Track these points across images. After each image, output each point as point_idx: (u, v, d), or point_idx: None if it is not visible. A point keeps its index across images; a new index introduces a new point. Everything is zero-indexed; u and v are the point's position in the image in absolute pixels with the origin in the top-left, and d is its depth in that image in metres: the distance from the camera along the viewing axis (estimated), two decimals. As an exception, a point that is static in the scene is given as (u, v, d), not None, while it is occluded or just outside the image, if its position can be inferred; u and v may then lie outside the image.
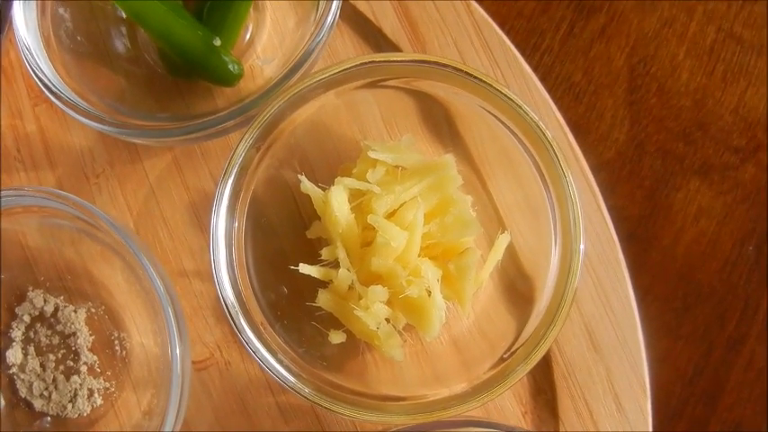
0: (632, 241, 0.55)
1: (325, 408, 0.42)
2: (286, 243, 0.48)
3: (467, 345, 0.47)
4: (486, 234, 0.47)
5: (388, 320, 0.44)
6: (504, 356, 0.43)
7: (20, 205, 0.45)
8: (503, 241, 0.46)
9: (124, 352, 0.49)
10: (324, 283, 0.45)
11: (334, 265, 0.45)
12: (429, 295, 0.44)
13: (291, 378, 0.42)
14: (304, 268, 0.44)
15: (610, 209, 0.49)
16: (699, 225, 0.55)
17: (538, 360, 0.41)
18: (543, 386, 0.48)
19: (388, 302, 0.44)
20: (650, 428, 0.48)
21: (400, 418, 0.41)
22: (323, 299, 0.45)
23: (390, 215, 0.45)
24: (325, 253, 0.45)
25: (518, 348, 0.43)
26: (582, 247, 0.42)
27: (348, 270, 0.44)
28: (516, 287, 0.47)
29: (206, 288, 0.49)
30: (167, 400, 0.43)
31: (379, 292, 0.43)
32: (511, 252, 0.47)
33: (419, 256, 0.44)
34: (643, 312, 0.50)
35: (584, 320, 0.48)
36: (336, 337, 0.45)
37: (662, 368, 0.54)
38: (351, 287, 0.45)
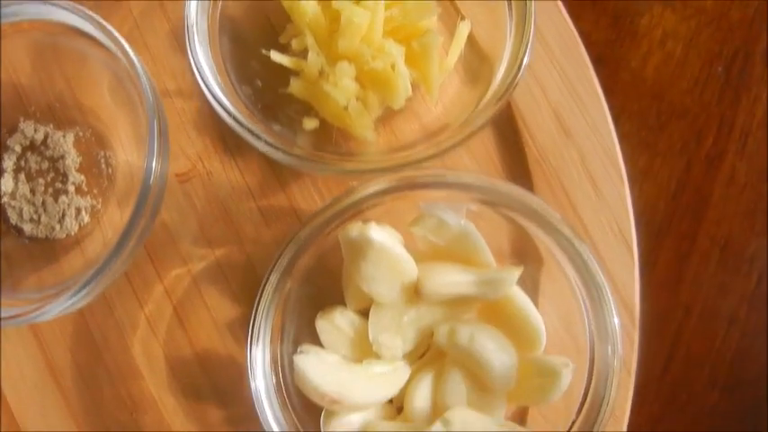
0: (601, 64, 0.56)
1: (311, 162, 0.43)
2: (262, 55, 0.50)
3: (435, 130, 0.48)
4: (448, 31, 0.49)
5: (358, 99, 0.46)
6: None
7: (8, 22, 0.48)
8: (464, 29, 0.48)
9: (110, 169, 0.50)
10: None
11: (304, 55, 0.47)
12: (393, 69, 0.46)
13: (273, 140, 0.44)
14: (275, 56, 0.46)
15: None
16: (665, 48, 0.56)
17: (494, 112, 0.43)
18: (518, 173, 0.49)
19: (357, 83, 0.46)
20: (631, 214, 0.48)
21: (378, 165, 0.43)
22: (295, 86, 0.47)
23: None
24: (294, 44, 0.47)
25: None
26: (533, 19, 0.44)
27: (317, 54, 0.46)
28: (478, 74, 0.48)
29: (188, 105, 0.51)
30: (143, 203, 0.44)
31: (346, 68, 0.45)
32: (472, 43, 0.49)
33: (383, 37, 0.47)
34: (619, 130, 0.51)
35: (552, 107, 0.49)
36: (310, 123, 0.47)
37: (644, 184, 0.54)
38: (321, 72, 0.47)
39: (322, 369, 0.44)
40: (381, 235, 0.43)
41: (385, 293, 0.44)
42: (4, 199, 0.51)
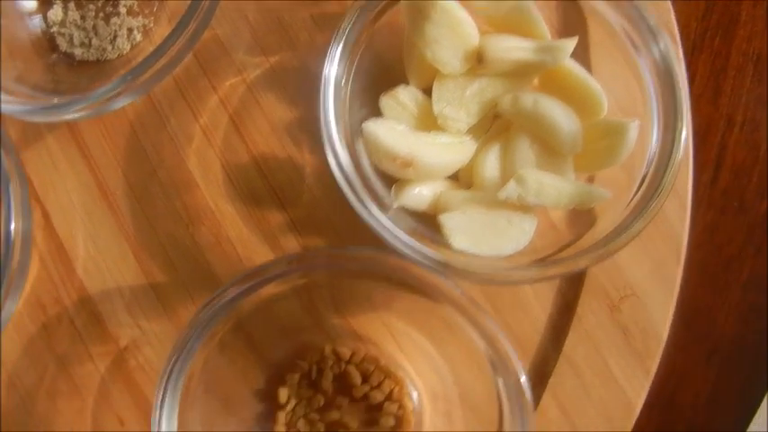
0: None
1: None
2: None
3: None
4: None
5: None
6: None
7: None
8: None
9: (162, -10, 0.51)
10: None
11: None
12: None
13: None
14: None
15: None
16: None
17: None
18: None
19: None
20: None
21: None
22: None
23: None
24: None
25: None
26: None
27: None
28: None
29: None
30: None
31: None
32: None
33: None
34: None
35: None
36: None
37: (674, 5, 0.56)
38: None
39: (392, 134, 0.44)
40: (444, -6, 0.44)
41: (448, 60, 0.44)
42: (54, 29, 0.51)
